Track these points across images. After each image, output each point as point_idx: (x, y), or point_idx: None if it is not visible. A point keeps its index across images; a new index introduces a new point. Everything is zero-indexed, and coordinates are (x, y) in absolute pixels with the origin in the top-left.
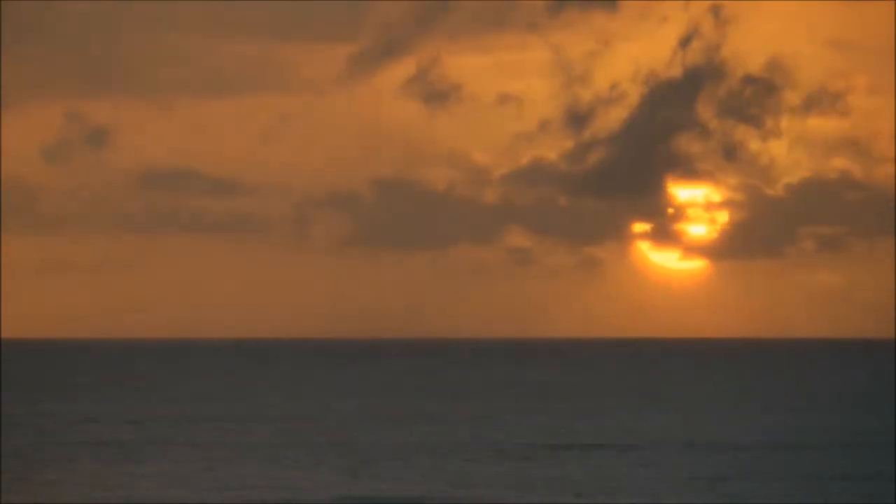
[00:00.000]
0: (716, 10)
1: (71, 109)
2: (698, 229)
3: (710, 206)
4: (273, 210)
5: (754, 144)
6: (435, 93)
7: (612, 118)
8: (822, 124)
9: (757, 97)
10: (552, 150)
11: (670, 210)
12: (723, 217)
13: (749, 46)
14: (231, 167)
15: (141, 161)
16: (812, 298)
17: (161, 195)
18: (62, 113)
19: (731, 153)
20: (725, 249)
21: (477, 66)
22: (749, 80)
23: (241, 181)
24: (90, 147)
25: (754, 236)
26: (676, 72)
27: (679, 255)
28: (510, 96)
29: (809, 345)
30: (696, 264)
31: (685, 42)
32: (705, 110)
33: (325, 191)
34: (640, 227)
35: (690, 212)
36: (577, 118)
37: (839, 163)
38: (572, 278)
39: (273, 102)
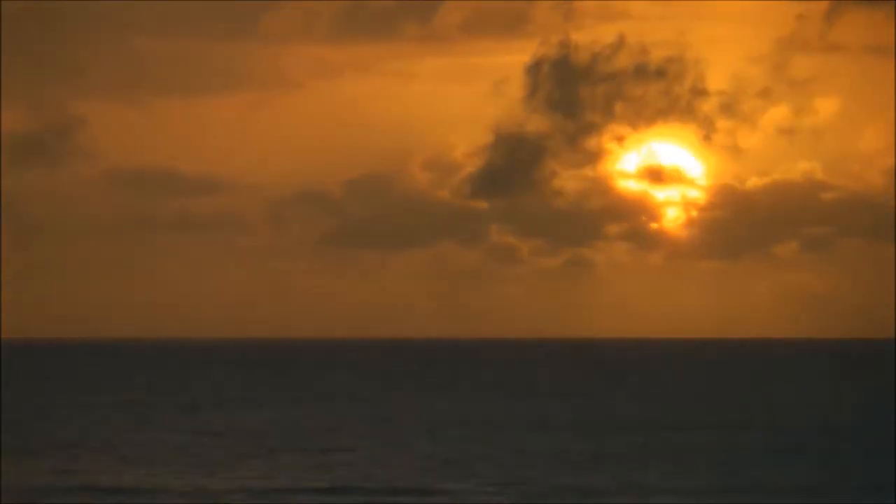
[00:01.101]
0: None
1: (47, 109)
2: (676, 229)
3: (687, 207)
4: (253, 209)
5: (738, 144)
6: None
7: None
8: (792, 124)
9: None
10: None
11: (650, 210)
12: (699, 217)
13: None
14: (210, 166)
15: (118, 161)
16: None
17: (138, 195)
18: (37, 113)
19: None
20: (704, 249)
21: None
22: (723, 77)
23: (220, 180)
24: (65, 147)
25: (731, 237)
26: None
27: (658, 255)
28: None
29: (785, 344)
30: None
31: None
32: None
33: (306, 189)
34: (619, 227)
35: (666, 212)
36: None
37: (809, 164)
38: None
39: (253, 100)
